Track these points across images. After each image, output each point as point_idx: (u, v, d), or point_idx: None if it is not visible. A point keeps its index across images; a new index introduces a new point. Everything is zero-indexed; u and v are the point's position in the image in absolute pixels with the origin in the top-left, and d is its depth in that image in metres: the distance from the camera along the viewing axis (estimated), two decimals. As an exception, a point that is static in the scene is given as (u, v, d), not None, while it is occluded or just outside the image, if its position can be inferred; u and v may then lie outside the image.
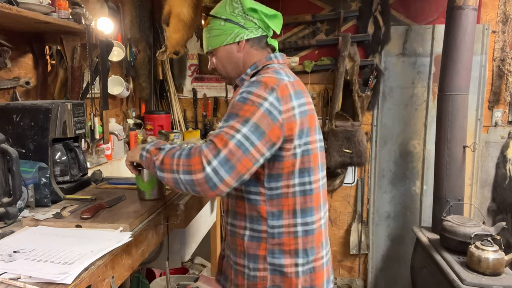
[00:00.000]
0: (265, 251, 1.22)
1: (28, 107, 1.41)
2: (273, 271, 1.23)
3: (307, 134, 1.20)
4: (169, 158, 1.13)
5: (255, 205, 1.22)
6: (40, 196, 1.36)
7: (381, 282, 3.29)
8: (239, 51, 1.30)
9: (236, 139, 1.07)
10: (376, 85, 3.04)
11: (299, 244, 1.23)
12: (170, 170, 1.12)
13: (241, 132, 1.08)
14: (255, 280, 1.24)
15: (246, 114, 1.10)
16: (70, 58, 1.90)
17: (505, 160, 2.96)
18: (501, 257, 2.03)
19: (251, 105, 1.11)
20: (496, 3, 2.90)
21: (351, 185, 3.24)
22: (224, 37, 1.29)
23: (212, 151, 1.07)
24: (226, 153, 1.06)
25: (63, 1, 1.76)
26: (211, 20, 1.32)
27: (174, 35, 2.64)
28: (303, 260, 1.23)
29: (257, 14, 1.28)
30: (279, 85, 1.16)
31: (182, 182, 1.10)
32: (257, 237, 1.23)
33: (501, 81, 2.93)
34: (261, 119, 1.10)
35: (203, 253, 2.85)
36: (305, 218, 1.23)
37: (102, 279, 0.98)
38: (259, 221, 1.22)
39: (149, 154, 1.19)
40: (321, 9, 3.08)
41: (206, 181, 1.06)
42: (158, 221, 1.36)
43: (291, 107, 1.15)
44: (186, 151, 1.12)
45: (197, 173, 1.06)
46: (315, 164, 1.23)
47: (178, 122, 3.23)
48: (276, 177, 1.20)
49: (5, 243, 1.06)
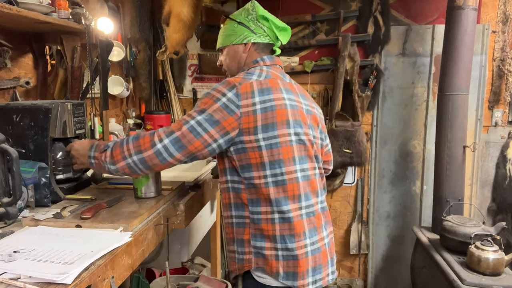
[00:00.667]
0: (249, 235, 1.34)
1: (28, 107, 1.41)
2: (256, 254, 1.34)
3: (273, 128, 1.28)
4: (118, 149, 1.29)
5: (238, 193, 1.35)
6: (40, 196, 1.36)
7: (381, 282, 3.29)
8: (244, 52, 1.43)
9: (190, 124, 1.25)
10: (376, 85, 3.04)
11: (276, 230, 1.32)
12: (122, 158, 1.28)
13: (195, 119, 1.26)
14: (243, 263, 1.36)
15: (204, 106, 1.27)
16: (70, 58, 1.90)
17: (505, 160, 2.96)
18: (501, 257, 2.03)
19: (210, 98, 1.28)
20: (496, 3, 2.90)
21: (351, 185, 3.24)
22: (234, 37, 1.43)
23: (166, 132, 1.26)
24: (179, 134, 1.25)
25: (63, 1, 1.76)
26: (227, 21, 1.47)
27: (174, 35, 2.64)
28: (282, 245, 1.32)
29: (268, 23, 1.42)
30: (241, 83, 1.30)
31: (135, 164, 1.27)
32: (242, 223, 1.36)
33: (501, 81, 2.93)
34: (216, 111, 1.26)
35: (203, 253, 2.85)
36: (280, 207, 1.31)
37: (102, 279, 0.98)
38: (243, 207, 1.35)
39: (97, 160, 1.33)
40: (321, 9, 3.08)
41: (156, 156, 1.25)
42: (158, 221, 1.36)
43: (252, 103, 1.27)
44: (133, 136, 1.29)
45: (147, 150, 1.25)
46: (286, 156, 1.31)
47: (178, 122, 3.23)
48: (247, 167, 1.31)
49: (5, 243, 1.06)
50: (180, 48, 2.73)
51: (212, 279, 2.18)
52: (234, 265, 1.41)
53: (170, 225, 1.45)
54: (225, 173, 1.37)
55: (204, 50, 3.24)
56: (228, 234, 1.41)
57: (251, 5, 1.44)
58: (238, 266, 1.38)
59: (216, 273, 2.57)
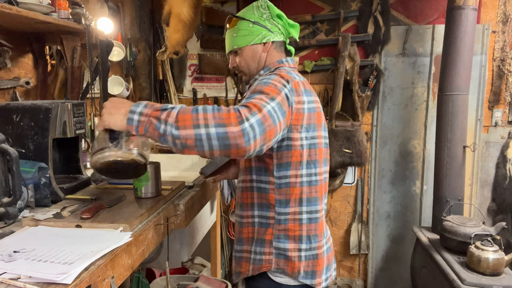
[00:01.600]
0: (272, 236, 1.33)
1: (28, 107, 1.41)
2: (278, 254, 1.33)
3: (314, 129, 1.31)
4: (189, 114, 1.04)
5: (265, 193, 1.33)
6: (40, 196, 1.36)
7: (381, 282, 3.29)
8: (264, 51, 1.41)
9: (268, 109, 1.10)
10: (376, 85, 3.04)
11: (303, 230, 1.33)
12: (193, 126, 1.03)
13: (271, 105, 1.12)
14: (261, 264, 1.34)
15: (271, 94, 1.16)
16: (70, 58, 1.90)
17: (505, 160, 2.96)
18: (501, 257, 2.03)
19: (273, 87, 1.19)
20: (496, 3, 2.90)
21: (351, 185, 3.24)
22: (251, 37, 1.40)
23: (249, 111, 1.06)
24: (261, 116, 1.07)
25: (63, 1, 1.76)
26: (238, 21, 1.42)
27: (174, 35, 2.64)
28: (306, 246, 1.33)
29: (282, 21, 1.42)
30: (292, 80, 1.27)
31: (209, 137, 1.03)
32: (265, 223, 1.34)
33: (501, 81, 2.93)
34: (283, 101, 1.18)
35: (203, 253, 2.85)
36: (310, 207, 1.33)
37: (102, 279, 0.98)
38: (268, 208, 1.33)
39: (145, 117, 1.06)
40: (321, 9, 3.08)
41: (243, 135, 1.03)
42: (158, 221, 1.36)
43: (302, 100, 1.27)
44: (213, 107, 1.07)
45: (233, 126, 1.03)
46: (320, 158, 1.35)
47: (178, 122, 3.23)
48: (285, 166, 1.29)
49: (5, 243, 1.06)
50: (180, 48, 2.73)
51: (212, 279, 2.18)
52: (246, 266, 1.38)
53: (170, 225, 1.45)
54: (250, 172, 1.35)
55: (204, 50, 3.24)
56: (246, 234, 1.38)
57: (262, 3, 1.42)
58: (253, 267, 1.36)
59: (216, 273, 2.57)
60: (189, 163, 2.46)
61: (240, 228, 1.41)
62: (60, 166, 1.61)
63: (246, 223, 1.38)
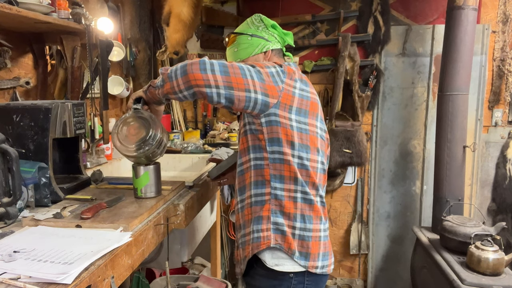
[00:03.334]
0: (269, 211, 1.36)
1: (28, 107, 1.41)
2: (275, 230, 1.35)
3: (305, 115, 1.35)
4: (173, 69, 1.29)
5: (261, 169, 1.36)
6: (40, 196, 1.36)
7: (381, 282, 3.29)
8: (265, 59, 1.50)
9: (240, 65, 1.27)
10: (376, 85, 3.04)
11: (298, 209, 1.36)
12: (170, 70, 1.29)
13: (246, 65, 1.28)
14: (259, 241, 1.36)
15: (256, 64, 1.31)
16: (70, 58, 1.90)
17: (505, 160, 2.96)
18: (501, 257, 2.03)
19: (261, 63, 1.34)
20: (496, 3, 2.90)
21: (351, 185, 3.24)
22: (252, 48, 1.49)
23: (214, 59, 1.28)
24: (228, 64, 1.25)
25: (63, 1, 1.75)
26: (237, 37, 1.51)
27: (174, 35, 2.64)
28: (300, 225, 1.36)
29: (277, 30, 1.52)
30: (286, 66, 1.36)
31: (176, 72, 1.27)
32: (260, 200, 1.37)
33: (501, 81, 2.93)
34: (264, 74, 1.28)
35: (203, 253, 2.85)
36: (304, 187, 1.36)
37: (102, 279, 0.98)
38: (264, 184, 1.37)
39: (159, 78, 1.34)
40: (321, 9, 3.09)
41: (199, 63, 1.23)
42: (158, 221, 1.36)
43: (293, 84, 1.33)
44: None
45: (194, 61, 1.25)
46: (313, 145, 1.37)
47: (178, 122, 3.23)
48: (276, 142, 1.33)
49: (5, 243, 1.06)
50: (180, 48, 2.73)
51: (212, 279, 2.18)
52: (248, 249, 1.39)
53: (170, 225, 1.45)
54: (248, 152, 1.39)
55: (204, 50, 3.24)
56: (246, 216, 1.42)
57: (256, 18, 1.52)
58: (252, 246, 1.37)
59: (216, 273, 2.57)
60: (189, 163, 2.46)
61: (241, 213, 1.44)
62: (60, 166, 1.61)
63: (245, 204, 1.42)
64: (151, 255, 1.96)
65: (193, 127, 3.32)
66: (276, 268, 1.35)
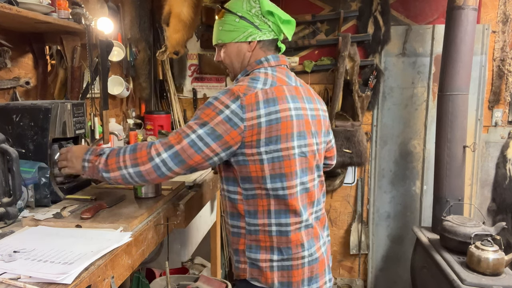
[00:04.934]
0: (244, 245, 1.30)
1: (28, 107, 1.41)
2: (251, 264, 1.30)
3: (276, 142, 1.21)
4: (113, 158, 1.23)
5: (235, 203, 1.29)
6: (40, 196, 1.36)
7: (381, 282, 3.29)
8: (249, 51, 1.32)
9: (190, 139, 1.18)
10: (376, 85, 3.04)
11: (274, 242, 1.27)
12: (117, 168, 1.22)
13: (197, 133, 1.18)
14: (239, 271, 1.33)
15: (205, 118, 1.19)
16: (70, 58, 1.90)
17: (505, 160, 2.96)
18: (501, 257, 2.03)
19: (212, 110, 1.20)
20: (496, 3, 2.90)
21: (351, 185, 3.24)
22: (236, 34, 1.31)
23: (164, 145, 1.19)
24: (178, 149, 1.18)
25: (63, 1, 1.75)
26: (225, 13, 1.32)
27: (174, 35, 2.64)
28: (278, 257, 1.28)
29: (273, 17, 1.30)
30: (246, 94, 1.20)
31: (130, 176, 1.21)
32: (237, 232, 1.32)
33: (501, 81, 2.93)
34: (219, 124, 1.18)
35: (203, 253, 2.85)
36: (279, 219, 1.26)
37: (102, 279, 0.98)
38: (239, 218, 1.30)
39: (91, 164, 1.28)
40: (321, 9, 3.08)
41: (154, 170, 1.19)
42: (158, 221, 1.36)
43: (257, 115, 1.19)
44: (130, 147, 1.23)
45: (145, 164, 1.19)
46: (289, 170, 1.25)
47: (178, 122, 3.23)
48: (248, 179, 1.25)
49: (5, 243, 1.06)
50: (180, 48, 2.73)
51: (212, 279, 2.18)
52: (234, 270, 1.37)
53: (170, 225, 1.45)
54: (222, 182, 1.33)
55: (204, 50, 3.24)
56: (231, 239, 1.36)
57: None
58: (235, 272, 1.36)
59: (216, 273, 2.57)
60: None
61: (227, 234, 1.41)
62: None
63: (227, 229, 1.37)
64: (151, 255, 1.96)
65: (193, 127, 3.32)
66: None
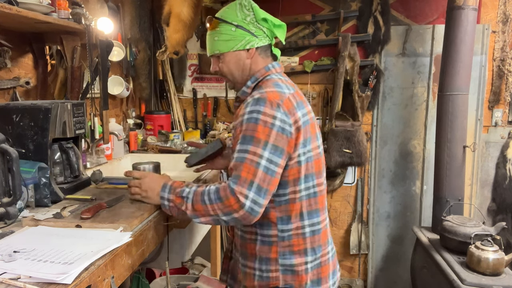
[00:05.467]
0: (277, 254, 1.29)
1: (28, 107, 1.41)
2: (284, 271, 1.29)
3: (309, 142, 1.27)
4: (199, 205, 1.21)
5: (266, 212, 1.26)
6: (40, 196, 1.36)
7: (381, 282, 3.29)
8: (248, 58, 1.34)
9: (263, 166, 1.16)
10: (376, 85, 3.04)
11: (307, 243, 1.30)
12: (208, 215, 1.20)
13: (264, 157, 1.16)
14: (268, 281, 1.30)
15: (262, 137, 1.17)
16: (70, 58, 1.90)
17: (505, 160, 2.96)
18: (501, 257, 2.03)
19: (263, 126, 1.18)
20: (496, 3, 2.90)
21: (351, 185, 3.24)
22: (234, 43, 1.32)
23: (245, 184, 1.15)
24: (258, 181, 1.15)
25: (63, 1, 1.75)
26: (219, 24, 1.33)
27: (174, 35, 2.64)
28: (312, 258, 1.31)
29: (267, 23, 1.33)
30: (283, 100, 1.22)
31: (225, 222, 1.20)
32: (267, 241, 1.30)
33: (501, 81, 2.93)
34: (277, 139, 1.18)
35: (203, 253, 2.85)
36: (311, 220, 1.30)
37: (102, 279, 0.98)
38: (269, 226, 1.29)
39: (172, 203, 1.27)
40: (321, 9, 3.08)
41: (250, 214, 1.16)
42: (158, 221, 1.36)
43: (298, 118, 1.23)
44: (214, 195, 1.18)
45: (238, 211, 1.15)
46: (317, 169, 1.31)
47: (178, 122, 3.23)
48: (283, 185, 1.25)
49: (5, 243, 1.06)
50: (180, 48, 2.73)
51: (212, 279, 2.18)
52: (251, 282, 1.33)
53: (170, 225, 1.45)
54: None
55: (204, 50, 3.23)
56: (249, 249, 1.34)
57: (246, 4, 1.33)
58: (259, 283, 1.31)
59: (216, 273, 2.57)
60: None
61: (243, 242, 1.36)
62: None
63: (249, 239, 1.34)
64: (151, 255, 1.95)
65: (193, 127, 3.32)
66: None
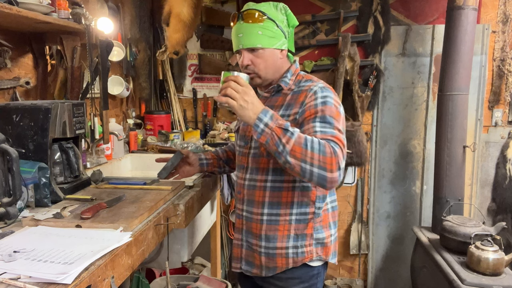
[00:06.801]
0: (312, 229, 1.43)
1: (28, 107, 1.41)
2: (316, 244, 1.44)
3: (344, 124, 1.40)
4: (300, 147, 1.19)
5: (307, 191, 1.41)
6: (40, 196, 1.36)
7: (381, 282, 3.29)
8: (281, 58, 1.44)
9: (344, 141, 1.29)
10: (376, 85, 3.04)
11: (329, 218, 1.49)
12: (301, 160, 1.19)
13: (344, 135, 1.32)
14: (303, 256, 1.43)
15: (340, 120, 1.33)
16: (70, 58, 1.90)
17: (505, 160, 2.96)
18: (501, 257, 2.03)
19: (336, 109, 1.34)
20: (496, 3, 2.90)
21: (351, 185, 3.24)
22: (275, 40, 1.40)
23: (341, 154, 1.23)
24: (344, 153, 1.27)
25: (63, 1, 1.76)
26: (266, 19, 1.38)
27: (174, 35, 2.64)
28: (334, 231, 1.50)
29: (292, 30, 1.47)
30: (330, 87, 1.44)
31: (312, 174, 1.20)
32: (303, 219, 1.42)
33: (501, 81, 2.93)
34: (342, 118, 1.36)
35: (203, 253, 2.85)
36: (332, 197, 1.50)
37: (102, 279, 0.98)
38: (308, 205, 1.42)
39: (269, 130, 1.21)
40: (321, 9, 3.08)
41: (338, 179, 1.23)
42: (158, 221, 1.36)
43: (340, 103, 1.42)
44: (318, 146, 1.20)
45: (333, 172, 1.20)
46: None
47: (178, 122, 3.23)
48: None
49: (5, 243, 1.06)
50: (180, 48, 2.73)
51: (212, 279, 2.18)
52: (283, 261, 1.43)
53: (170, 225, 1.45)
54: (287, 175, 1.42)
55: (204, 50, 3.24)
56: (281, 231, 1.42)
57: (282, 8, 1.42)
58: (294, 260, 1.42)
59: (216, 273, 2.57)
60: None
61: (271, 226, 1.43)
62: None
63: (282, 220, 1.42)
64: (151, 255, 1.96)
65: (193, 127, 3.32)
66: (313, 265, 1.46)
